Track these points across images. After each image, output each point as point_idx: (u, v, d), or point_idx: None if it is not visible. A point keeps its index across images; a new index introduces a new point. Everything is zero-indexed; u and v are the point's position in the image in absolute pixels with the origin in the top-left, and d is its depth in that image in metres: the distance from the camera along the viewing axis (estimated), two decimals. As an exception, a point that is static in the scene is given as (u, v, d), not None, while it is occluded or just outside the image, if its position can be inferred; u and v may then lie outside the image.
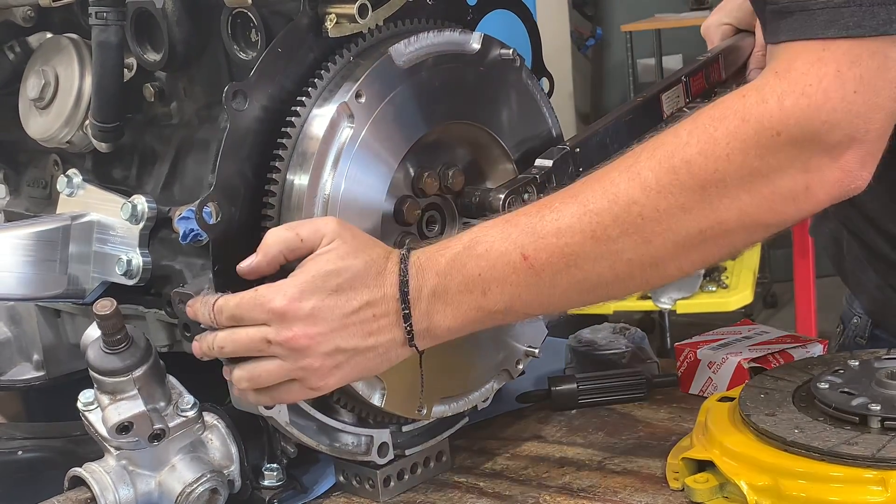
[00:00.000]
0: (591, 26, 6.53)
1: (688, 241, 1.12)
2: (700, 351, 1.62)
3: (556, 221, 1.14)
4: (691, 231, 1.12)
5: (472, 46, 1.38)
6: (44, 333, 1.58)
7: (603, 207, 1.12)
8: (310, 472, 1.44)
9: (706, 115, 1.12)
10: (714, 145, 1.09)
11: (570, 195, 1.15)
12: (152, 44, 1.39)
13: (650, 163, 1.11)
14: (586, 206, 1.13)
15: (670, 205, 1.10)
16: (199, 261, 1.32)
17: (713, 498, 1.22)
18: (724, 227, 1.12)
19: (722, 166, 1.09)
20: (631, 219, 1.11)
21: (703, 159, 1.10)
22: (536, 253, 1.14)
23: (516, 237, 1.15)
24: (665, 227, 1.11)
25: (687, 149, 1.10)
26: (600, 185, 1.14)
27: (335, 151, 1.24)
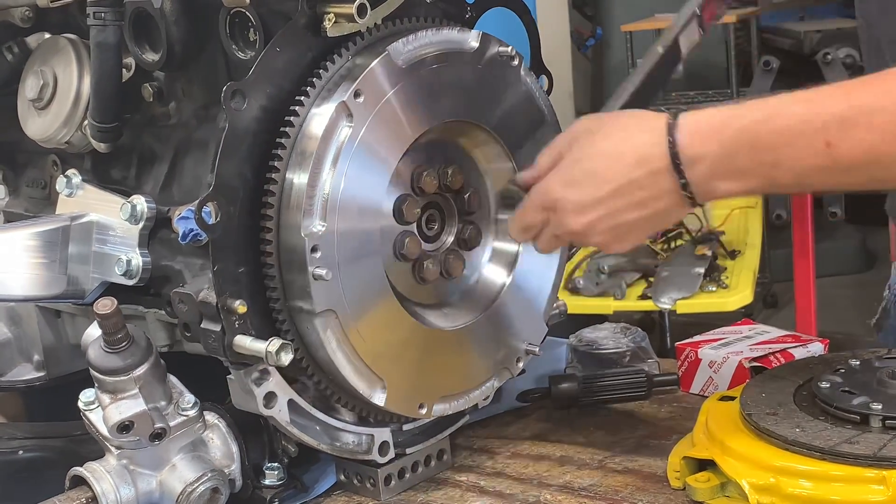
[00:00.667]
0: (591, 26, 6.54)
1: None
2: (701, 350, 1.62)
3: (868, 116, 1.11)
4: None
5: (471, 45, 1.38)
6: (44, 334, 1.58)
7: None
8: (310, 470, 1.44)
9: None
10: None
11: (884, 91, 1.12)
12: (150, 44, 1.39)
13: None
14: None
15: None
16: (199, 260, 1.32)
17: (714, 497, 1.22)
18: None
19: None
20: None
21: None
22: (841, 143, 1.12)
23: (822, 122, 1.13)
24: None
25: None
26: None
27: (334, 150, 1.24)
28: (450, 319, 1.42)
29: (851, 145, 1.12)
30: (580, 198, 1.23)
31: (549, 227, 1.28)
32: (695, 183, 1.19)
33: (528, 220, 1.30)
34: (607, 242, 1.26)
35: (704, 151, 1.17)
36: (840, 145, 1.12)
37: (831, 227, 5.83)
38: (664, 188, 1.20)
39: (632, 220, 1.23)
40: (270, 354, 1.21)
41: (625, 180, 1.21)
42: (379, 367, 1.32)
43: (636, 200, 1.21)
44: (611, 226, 1.23)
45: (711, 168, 1.18)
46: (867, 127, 1.11)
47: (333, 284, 1.24)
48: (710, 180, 1.19)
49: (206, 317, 1.24)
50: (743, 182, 1.18)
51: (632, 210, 1.22)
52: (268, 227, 1.24)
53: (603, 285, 3.72)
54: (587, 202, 1.22)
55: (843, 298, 5.23)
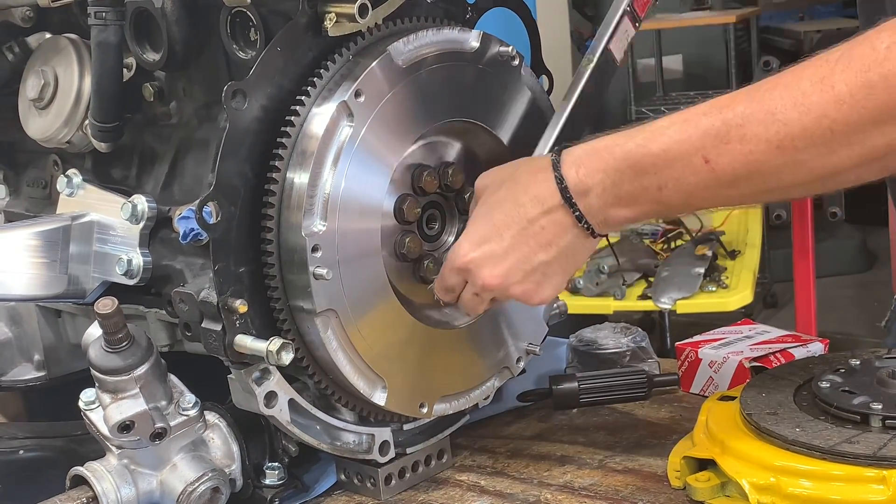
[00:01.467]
0: (591, 26, 6.53)
1: (874, 153, 1.10)
2: (701, 350, 1.62)
3: (740, 128, 1.12)
4: (879, 144, 1.09)
5: (472, 44, 1.38)
6: (44, 334, 1.58)
7: (792, 118, 1.09)
8: (311, 470, 1.44)
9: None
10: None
11: (756, 99, 1.13)
12: (151, 43, 1.39)
13: (846, 75, 1.07)
14: (774, 114, 1.10)
15: (862, 119, 1.07)
16: (200, 260, 1.32)
17: (715, 497, 1.22)
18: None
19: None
20: (820, 132, 1.09)
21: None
22: (718, 157, 1.13)
23: (697, 140, 1.14)
24: (853, 140, 1.09)
25: (886, 64, 1.06)
26: (790, 95, 1.10)
27: (335, 150, 1.24)
28: (450, 319, 1.42)
29: (729, 159, 1.12)
30: (488, 252, 1.25)
31: (468, 287, 1.29)
32: (589, 213, 1.21)
33: (447, 282, 1.31)
34: (528, 291, 1.26)
35: (591, 182, 1.20)
36: (718, 160, 1.13)
37: (831, 227, 5.83)
38: (563, 224, 1.22)
39: (543, 261, 1.24)
40: (271, 354, 1.21)
41: (525, 223, 1.23)
42: (379, 367, 1.32)
43: (541, 241, 1.23)
44: (525, 272, 1.25)
45: (600, 197, 1.20)
46: (740, 139, 1.12)
47: (334, 284, 1.25)
48: (603, 209, 1.21)
49: (206, 316, 1.24)
50: (634, 208, 1.20)
51: (539, 252, 1.24)
52: (268, 226, 1.24)
53: (603, 285, 3.73)
54: (495, 254, 1.24)
55: (843, 298, 5.23)
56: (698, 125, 1.15)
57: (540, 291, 1.27)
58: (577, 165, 1.21)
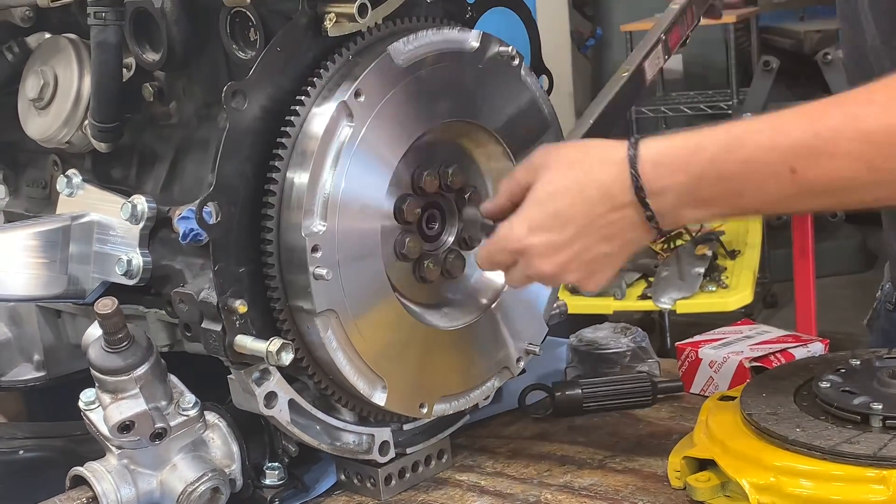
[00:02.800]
0: (591, 26, 6.53)
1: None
2: (701, 350, 1.62)
3: (832, 143, 1.10)
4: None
5: (471, 44, 1.38)
6: (44, 334, 1.58)
7: (884, 141, 1.08)
8: (311, 470, 1.44)
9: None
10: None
11: (849, 116, 1.10)
12: (151, 43, 1.39)
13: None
14: (866, 133, 1.08)
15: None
16: (199, 260, 1.32)
17: (715, 496, 1.22)
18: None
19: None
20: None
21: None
22: (806, 171, 1.11)
23: (786, 150, 1.12)
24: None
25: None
26: (885, 116, 1.09)
27: (335, 150, 1.24)
28: (450, 319, 1.42)
29: (817, 172, 1.11)
30: (547, 241, 1.21)
31: (518, 268, 1.26)
32: (661, 214, 1.18)
33: (495, 261, 1.28)
34: (582, 280, 1.24)
35: (669, 184, 1.16)
36: (805, 173, 1.11)
37: (831, 227, 5.84)
38: (630, 221, 1.19)
39: (601, 254, 1.22)
40: (271, 354, 1.21)
41: (590, 218, 1.20)
42: (379, 367, 1.32)
43: (603, 235, 1.20)
44: (582, 263, 1.22)
45: (677, 199, 1.17)
46: (832, 154, 1.10)
47: (334, 284, 1.25)
48: (676, 210, 1.18)
49: (206, 316, 1.24)
50: (708, 210, 1.18)
51: (600, 245, 1.21)
52: (268, 226, 1.24)
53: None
54: (555, 245, 1.21)
55: (843, 298, 5.22)
56: (789, 134, 1.12)
57: (594, 279, 1.24)
58: (655, 164, 1.17)
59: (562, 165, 1.23)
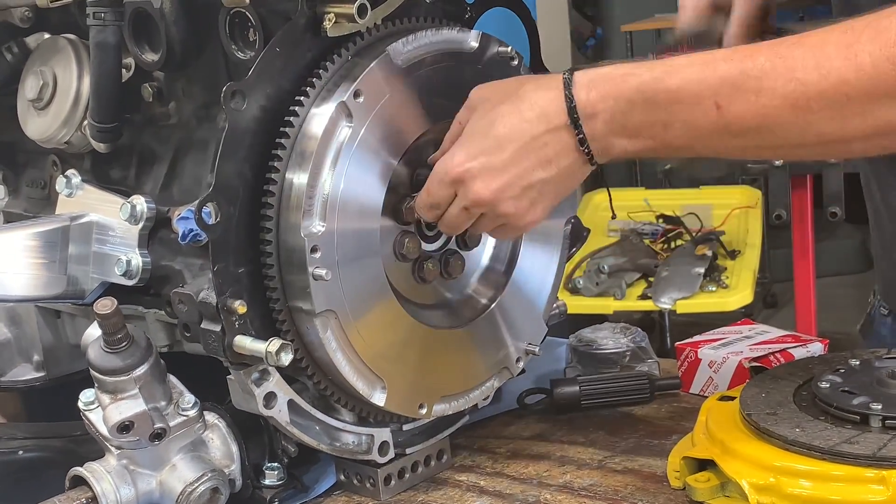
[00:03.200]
0: (591, 26, 6.54)
1: (885, 128, 1.10)
2: (701, 350, 1.62)
3: (758, 80, 1.11)
4: (891, 119, 1.09)
5: (471, 44, 1.38)
6: (44, 334, 1.58)
7: (811, 79, 1.09)
8: (310, 471, 1.44)
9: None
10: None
11: (778, 55, 1.12)
12: (150, 44, 1.39)
13: (871, 46, 1.07)
14: (793, 72, 1.10)
15: (880, 93, 1.08)
16: (199, 261, 1.32)
17: (714, 497, 1.22)
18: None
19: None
20: (837, 97, 1.09)
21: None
22: (731, 105, 1.12)
23: (713, 84, 1.13)
24: (867, 110, 1.09)
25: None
26: (812, 57, 1.10)
27: (334, 150, 1.24)
28: (450, 319, 1.42)
29: (741, 108, 1.12)
30: (485, 163, 1.21)
31: (457, 200, 1.25)
32: (592, 138, 1.19)
33: (434, 196, 1.27)
34: (519, 210, 1.23)
35: (601, 107, 1.18)
36: (730, 108, 1.12)
37: (831, 227, 5.83)
38: (565, 144, 1.20)
39: (538, 180, 1.21)
40: (270, 355, 1.21)
41: (528, 138, 1.20)
42: (379, 368, 1.32)
43: (541, 158, 1.21)
44: (521, 188, 1.22)
45: (607, 124, 1.18)
46: (756, 90, 1.11)
47: (333, 285, 1.24)
48: (607, 136, 1.19)
49: (205, 317, 1.24)
50: (637, 140, 1.19)
51: (538, 169, 1.21)
52: (267, 227, 1.24)
53: (603, 285, 3.73)
54: (493, 166, 1.21)
55: (843, 298, 5.22)
56: (716, 69, 1.14)
57: (531, 211, 1.24)
58: (588, 88, 1.18)
59: (499, 93, 1.25)
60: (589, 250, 3.84)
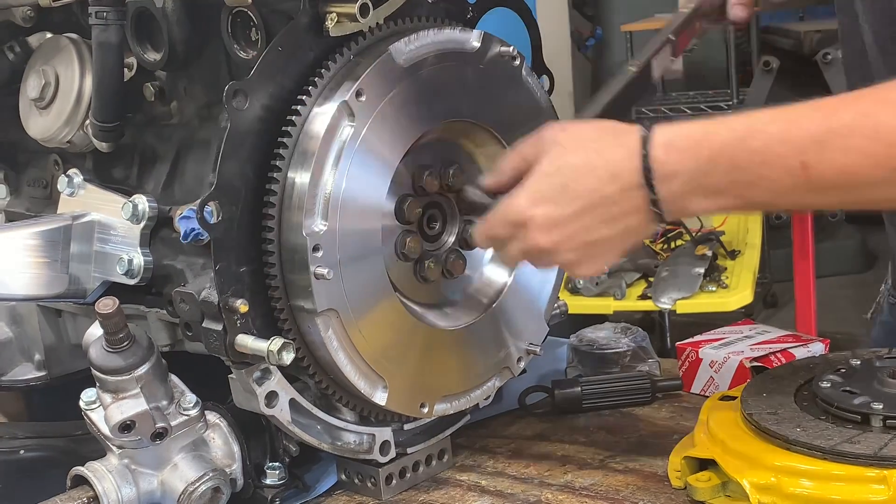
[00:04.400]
0: (591, 26, 6.54)
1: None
2: (702, 350, 1.62)
3: (844, 138, 1.10)
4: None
5: (473, 44, 1.38)
6: (45, 333, 1.58)
7: (893, 140, 1.08)
8: (312, 470, 1.44)
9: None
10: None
11: (863, 113, 1.11)
12: (152, 43, 1.39)
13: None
14: (879, 133, 1.09)
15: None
16: (201, 260, 1.32)
17: (715, 496, 1.22)
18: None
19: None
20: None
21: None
22: (817, 165, 1.11)
23: (799, 142, 1.11)
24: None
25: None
26: (894, 111, 1.09)
27: (336, 150, 1.24)
28: (451, 319, 1.42)
29: (827, 167, 1.11)
30: (550, 213, 1.19)
31: (516, 242, 1.23)
32: (667, 200, 1.17)
33: (494, 232, 1.25)
34: (577, 261, 1.22)
35: (679, 168, 1.15)
36: (816, 167, 1.11)
37: (831, 227, 5.84)
38: (636, 204, 1.17)
39: (602, 237, 1.20)
40: (272, 354, 1.21)
41: (597, 196, 1.18)
42: (380, 367, 1.32)
43: (607, 216, 1.18)
44: (581, 243, 1.20)
45: (685, 185, 1.16)
46: (843, 149, 1.10)
47: (335, 284, 1.25)
48: (683, 197, 1.16)
49: (207, 316, 1.24)
50: (716, 200, 1.17)
51: (602, 227, 1.19)
52: (269, 226, 1.24)
53: (603, 285, 3.73)
54: (557, 218, 1.19)
55: (843, 298, 5.22)
56: (801, 127, 1.12)
57: (590, 263, 1.23)
58: (667, 148, 1.15)
59: (573, 141, 1.21)
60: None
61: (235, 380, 1.28)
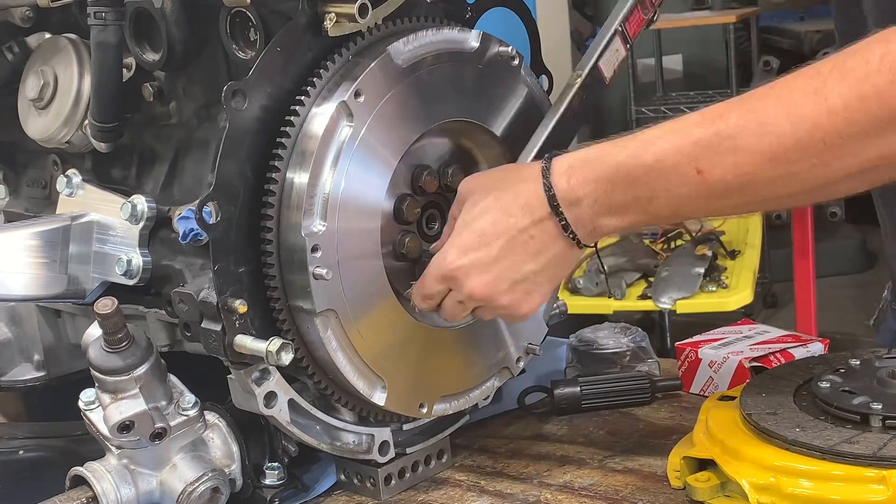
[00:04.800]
0: (591, 26, 6.53)
1: (867, 164, 1.09)
2: (701, 350, 1.62)
3: (732, 139, 1.11)
4: (871, 156, 1.09)
5: (471, 44, 1.38)
6: (44, 334, 1.58)
7: (785, 131, 1.09)
8: (311, 470, 1.44)
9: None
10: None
11: (748, 110, 1.12)
12: (151, 43, 1.39)
13: (839, 88, 1.07)
14: (766, 126, 1.10)
15: (855, 131, 1.07)
16: (199, 260, 1.32)
17: (714, 497, 1.22)
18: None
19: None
20: (813, 143, 1.08)
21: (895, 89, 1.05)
22: (711, 169, 1.12)
23: (690, 150, 1.13)
24: (846, 151, 1.08)
25: (878, 77, 1.05)
26: (783, 107, 1.10)
27: (335, 150, 1.24)
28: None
29: (722, 170, 1.12)
30: (475, 260, 1.23)
31: (452, 295, 1.27)
32: (577, 224, 1.21)
33: (430, 290, 1.29)
34: (515, 302, 1.25)
35: (582, 193, 1.19)
36: (711, 171, 1.12)
37: (831, 227, 5.84)
38: (550, 234, 1.22)
39: (531, 271, 1.23)
40: (271, 354, 1.21)
41: (514, 232, 1.22)
42: (379, 367, 1.32)
43: (530, 251, 1.22)
44: (513, 281, 1.24)
45: (591, 208, 1.20)
46: (733, 150, 1.11)
47: (334, 284, 1.25)
48: (592, 219, 1.20)
49: (206, 316, 1.24)
50: (623, 218, 1.20)
51: (529, 261, 1.23)
52: (268, 226, 1.24)
53: (603, 285, 3.73)
54: (482, 263, 1.23)
55: (843, 298, 5.23)
56: (690, 135, 1.14)
57: (527, 301, 1.26)
58: (567, 175, 1.20)
59: (483, 189, 1.26)
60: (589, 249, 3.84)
61: (234, 380, 1.28)
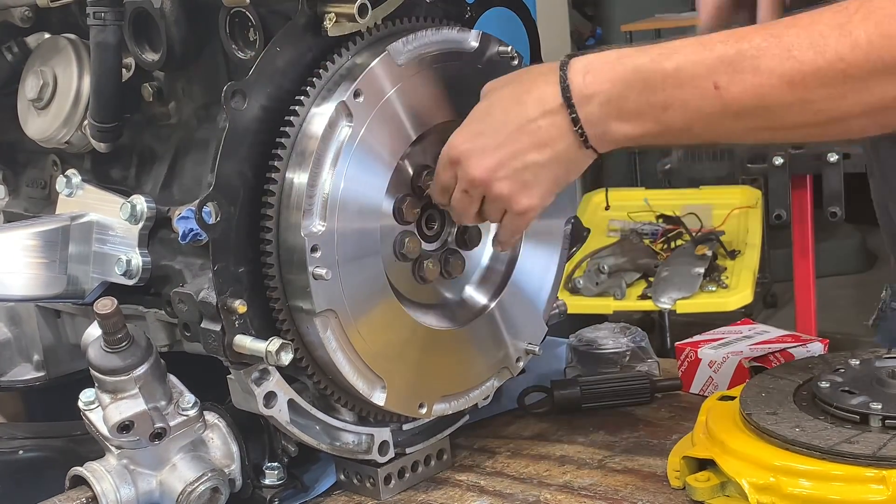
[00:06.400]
0: (591, 26, 6.53)
1: (882, 103, 1.10)
2: (701, 350, 1.62)
3: (755, 59, 1.11)
4: (889, 95, 1.09)
5: (471, 44, 1.38)
6: (44, 334, 1.58)
7: (807, 58, 1.09)
8: (311, 470, 1.44)
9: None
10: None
11: (773, 35, 1.12)
12: (150, 44, 1.39)
13: (865, 24, 1.07)
14: (790, 51, 1.10)
15: (876, 68, 1.07)
16: (199, 260, 1.32)
17: (714, 496, 1.22)
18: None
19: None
20: (833, 74, 1.08)
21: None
22: (729, 85, 1.12)
23: (710, 63, 1.13)
24: (864, 86, 1.09)
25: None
26: (807, 35, 1.10)
27: (334, 150, 1.24)
28: (450, 319, 1.42)
29: (740, 88, 1.12)
30: (480, 145, 1.24)
31: (458, 185, 1.28)
32: (588, 122, 1.20)
33: (441, 179, 1.30)
34: (513, 191, 1.25)
35: (596, 90, 1.19)
36: (728, 88, 1.12)
37: (831, 227, 5.83)
38: (560, 127, 1.21)
39: (533, 162, 1.23)
40: (270, 354, 1.21)
41: (523, 120, 1.22)
42: (379, 367, 1.32)
43: (535, 141, 1.22)
44: (513, 170, 1.23)
45: (603, 107, 1.19)
46: (753, 70, 1.11)
47: (333, 284, 1.25)
48: (603, 120, 1.19)
49: (206, 316, 1.24)
50: (635, 124, 1.19)
51: (531, 152, 1.23)
52: (268, 226, 1.24)
53: (603, 285, 3.73)
54: (487, 147, 1.24)
55: (843, 298, 5.22)
56: (713, 50, 1.14)
57: (526, 193, 1.25)
58: (584, 71, 1.20)
59: (501, 82, 1.28)
60: (589, 250, 3.84)
61: (234, 380, 1.28)
